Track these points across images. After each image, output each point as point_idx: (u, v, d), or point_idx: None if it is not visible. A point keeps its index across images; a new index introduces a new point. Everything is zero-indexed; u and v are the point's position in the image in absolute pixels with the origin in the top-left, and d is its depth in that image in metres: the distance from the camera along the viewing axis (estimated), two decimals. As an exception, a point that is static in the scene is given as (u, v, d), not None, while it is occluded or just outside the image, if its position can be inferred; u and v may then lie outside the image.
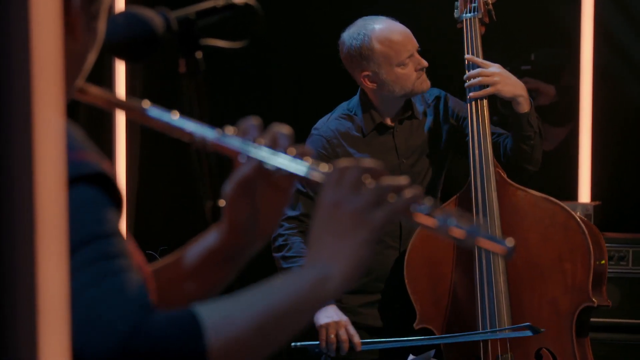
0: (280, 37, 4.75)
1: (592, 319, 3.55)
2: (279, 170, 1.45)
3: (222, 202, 1.58)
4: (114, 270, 1.30)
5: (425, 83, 3.59)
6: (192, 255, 1.56)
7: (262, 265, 1.43)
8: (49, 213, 0.88)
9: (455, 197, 3.57)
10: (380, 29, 3.53)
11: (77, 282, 1.27)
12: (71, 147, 1.33)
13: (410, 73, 3.55)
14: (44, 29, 0.87)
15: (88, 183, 1.32)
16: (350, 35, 3.59)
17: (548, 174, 3.72)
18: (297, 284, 1.36)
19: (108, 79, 4.67)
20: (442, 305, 3.53)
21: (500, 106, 3.62)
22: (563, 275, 3.41)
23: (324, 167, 1.43)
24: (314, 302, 1.35)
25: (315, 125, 3.69)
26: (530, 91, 3.73)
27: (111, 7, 1.48)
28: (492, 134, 3.60)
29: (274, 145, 1.46)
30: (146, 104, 1.51)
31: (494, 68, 3.55)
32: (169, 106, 1.54)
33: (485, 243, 1.35)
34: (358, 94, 3.68)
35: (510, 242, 1.35)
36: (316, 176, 1.42)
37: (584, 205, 4.23)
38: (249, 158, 1.46)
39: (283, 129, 1.47)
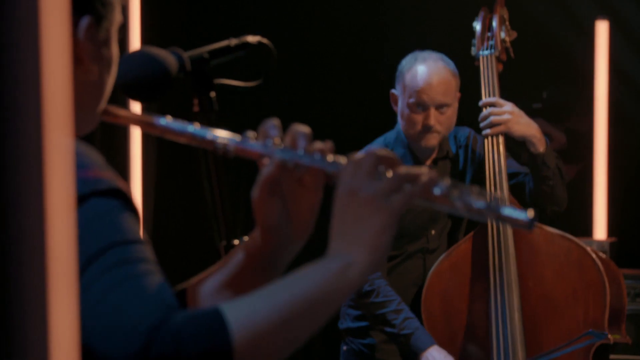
0: (291, 71, 4.77)
1: (610, 356, 3.52)
2: (298, 166, 1.46)
3: (236, 242, 1.58)
4: (133, 275, 1.31)
5: (429, 141, 3.57)
6: (230, 264, 1.56)
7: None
8: (58, 232, 0.89)
9: (471, 233, 3.57)
10: (422, 67, 3.54)
11: (98, 289, 1.29)
12: (86, 166, 1.36)
13: (415, 121, 3.55)
14: (54, 56, 0.89)
15: (102, 196, 1.34)
16: (408, 58, 3.61)
17: (564, 210, 3.71)
18: (320, 274, 1.36)
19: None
20: (458, 340, 3.51)
21: (511, 145, 3.61)
22: (578, 311, 3.39)
23: (343, 160, 1.44)
24: (339, 290, 1.36)
25: None
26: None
27: (125, 45, 1.50)
28: (518, 173, 3.61)
29: (294, 144, 1.47)
30: (168, 118, 1.52)
31: (507, 107, 3.54)
32: (183, 145, 1.55)
33: (506, 214, 1.35)
34: (396, 129, 3.69)
35: (530, 213, 1.35)
36: (334, 169, 1.43)
37: (599, 242, 4.21)
38: (271, 158, 1.47)
39: (302, 128, 1.48)
